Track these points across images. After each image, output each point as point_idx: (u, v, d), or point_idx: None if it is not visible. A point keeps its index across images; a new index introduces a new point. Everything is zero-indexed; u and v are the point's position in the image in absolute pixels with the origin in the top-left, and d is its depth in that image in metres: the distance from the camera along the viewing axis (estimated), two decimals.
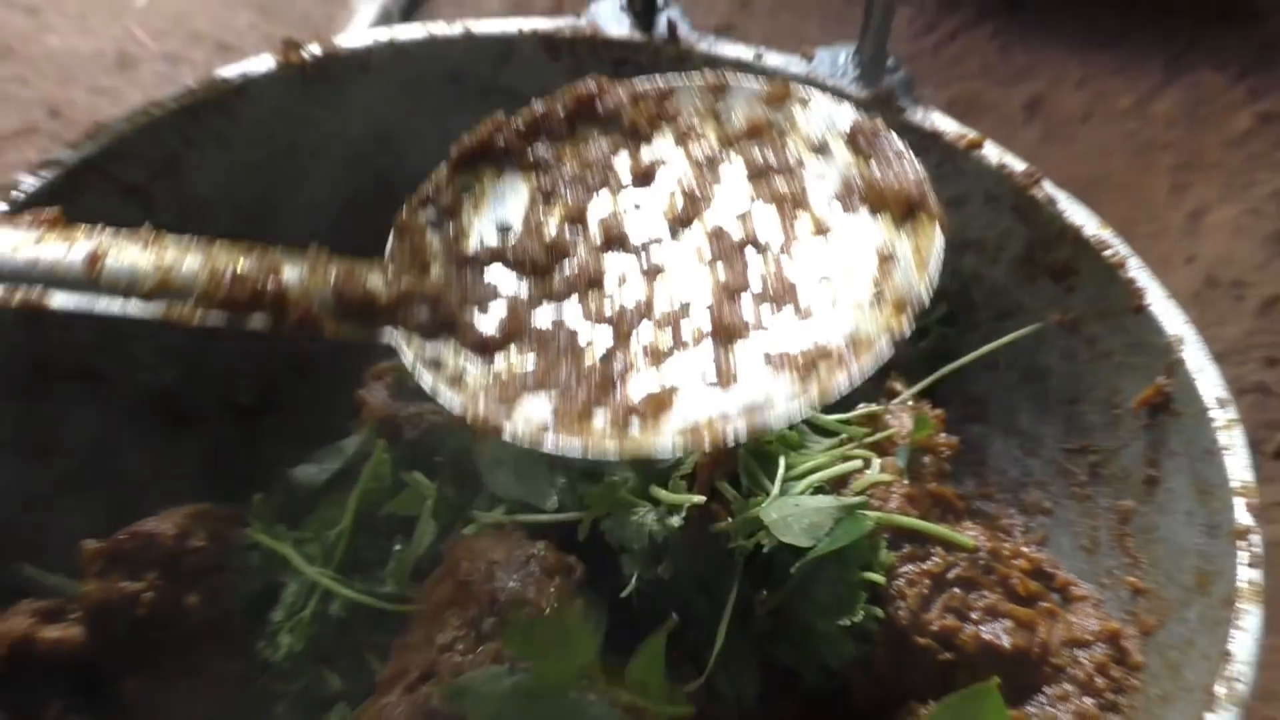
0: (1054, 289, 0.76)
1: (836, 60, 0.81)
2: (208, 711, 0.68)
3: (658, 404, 0.56)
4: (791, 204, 0.62)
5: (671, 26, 0.82)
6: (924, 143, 0.78)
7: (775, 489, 0.69)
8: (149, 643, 0.67)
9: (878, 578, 0.68)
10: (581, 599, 0.65)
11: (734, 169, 0.64)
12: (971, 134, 0.78)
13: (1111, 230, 0.75)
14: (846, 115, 0.64)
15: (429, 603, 0.64)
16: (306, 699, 0.67)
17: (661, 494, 0.67)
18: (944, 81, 1.63)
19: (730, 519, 0.68)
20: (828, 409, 0.76)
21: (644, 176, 0.65)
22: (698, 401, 0.56)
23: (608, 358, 0.58)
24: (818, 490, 0.70)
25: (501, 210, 0.65)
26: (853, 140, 0.63)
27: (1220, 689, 0.58)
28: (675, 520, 0.67)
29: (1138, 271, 0.73)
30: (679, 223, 0.63)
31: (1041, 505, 0.79)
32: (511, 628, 0.59)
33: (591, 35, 0.81)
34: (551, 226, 0.63)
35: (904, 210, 0.60)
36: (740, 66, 0.80)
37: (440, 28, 0.80)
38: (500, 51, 0.81)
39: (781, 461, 0.71)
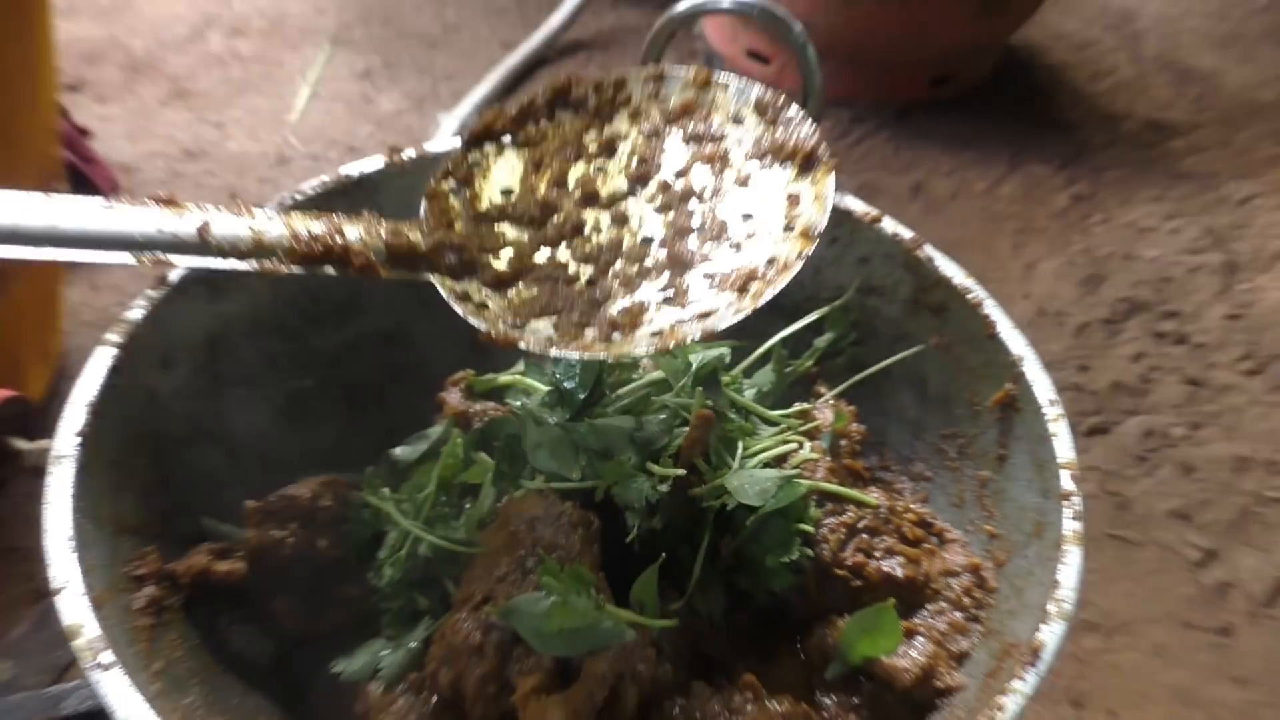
0: (932, 321, 0.77)
1: None
2: (334, 620, 0.69)
3: (632, 318, 0.57)
4: (719, 162, 0.63)
5: None
6: (842, 218, 0.79)
7: (735, 464, 0.70)
8: (291, 574, 0.68)
9: (808, 528, 0.69)
10: (596, 544, 0.66)
11: (674, 138, 0.65)
12: (874, 211, 0.79)
13: (973, 279, 0.76)
14: (754, 91, 0.65)
15: (488, 546, 0.65)
16: (403, 614, 0.68)
17: (655, 468, 0.67)
18: (854, 172, 1.65)
19: (703, 485, 0.69)
20: (772, 406, 0.78)
21: (608, 147, 0.66)
22: (662, 315, 0.57)
23: (592, 285, 0.59)
24: (766, 465, 0.71)
25: (504, 178, 0.65)
26: (760, 110, 0.64)
27: (1051, 608, 0.60)
28: (664, 487, 0.67)
29: (991, 308, 0.74)
30: (636, 181, 0.64)
31: (924, 474, 0.80)
32: (546, 565, 0.60)
33: None
34: (542, 188, 0.64)
35: (804, 160, 0.61)
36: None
37: None
38: None
39: (740, 445, 0.72)
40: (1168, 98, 1.84)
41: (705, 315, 0.56)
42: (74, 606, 0.57)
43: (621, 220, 0.63)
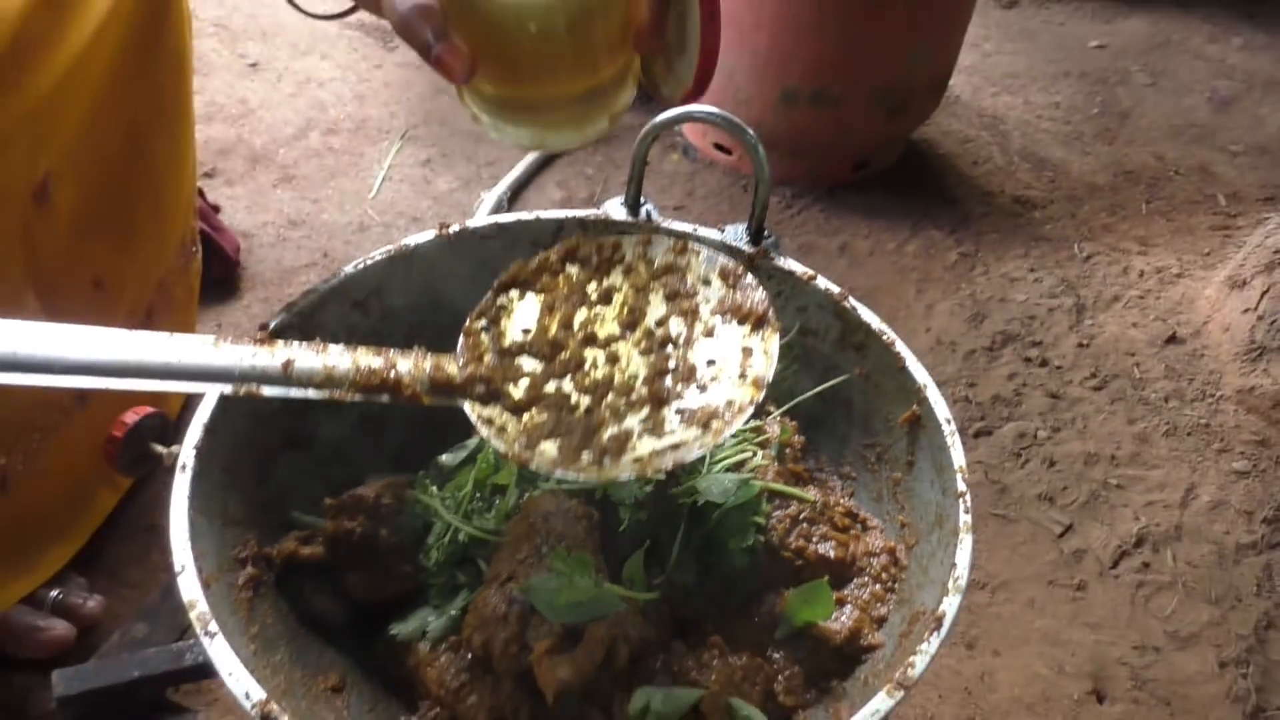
0: (855, 356, 0.75)
1: (738, 231, 0.79)
2: (393, 592, 0.67)
3: (618, 444, 0.54)
4: (691, 316, 0.60)
5: (649, 214, 0.81)
6: (784, 276, 0.76)
7: (704, 469, 0.67)
8: (359, 555, 0.66)
9: (760, 520, 0.66)
10: (596, 532, 0.63)
11: (657, 293, 0.63)
12: (810, 272, 0.76)
13: (885, 324, 0.73)
14: (720, 260, 0.63)
15: (512, 535, 0.63)
16: (446, 586, 0.65)
17: None
18: (795, 235, 1.62)
19: (679, 486, 0.66)
20: None
21: (605, 296, 0.63)
22: (642, 443, 0.54)
23: (589, 414, 0.56)
24: (728, 469, 0.68)
25: (524, 319, 0.63)
26: (724, 276, 0.62)
27: (950, 584, 0.57)
28: (649, 487, 0.65)
29: (900, 347, 0.71)
30: (626, 326, 0.61)
31: (851, 475, 0.77)
32: (557, 552, 0.58)
33: (605, 218, 0.80)
34: (553, 329, 0.62)
35: (756, 322, 0.59)
36: (685, 234, 0.79)
37: (524, 215, 0.79)
38: (556, 227, 0.79)
39: (708, 454, 0.69)
40: (1029, 180, 1.82)
41: (676, 447, 0.53)
42: (189, 586, 0.55)
43: (614, 359, 0.59)
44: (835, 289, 0.75)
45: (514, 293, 0.65)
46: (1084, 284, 1.56)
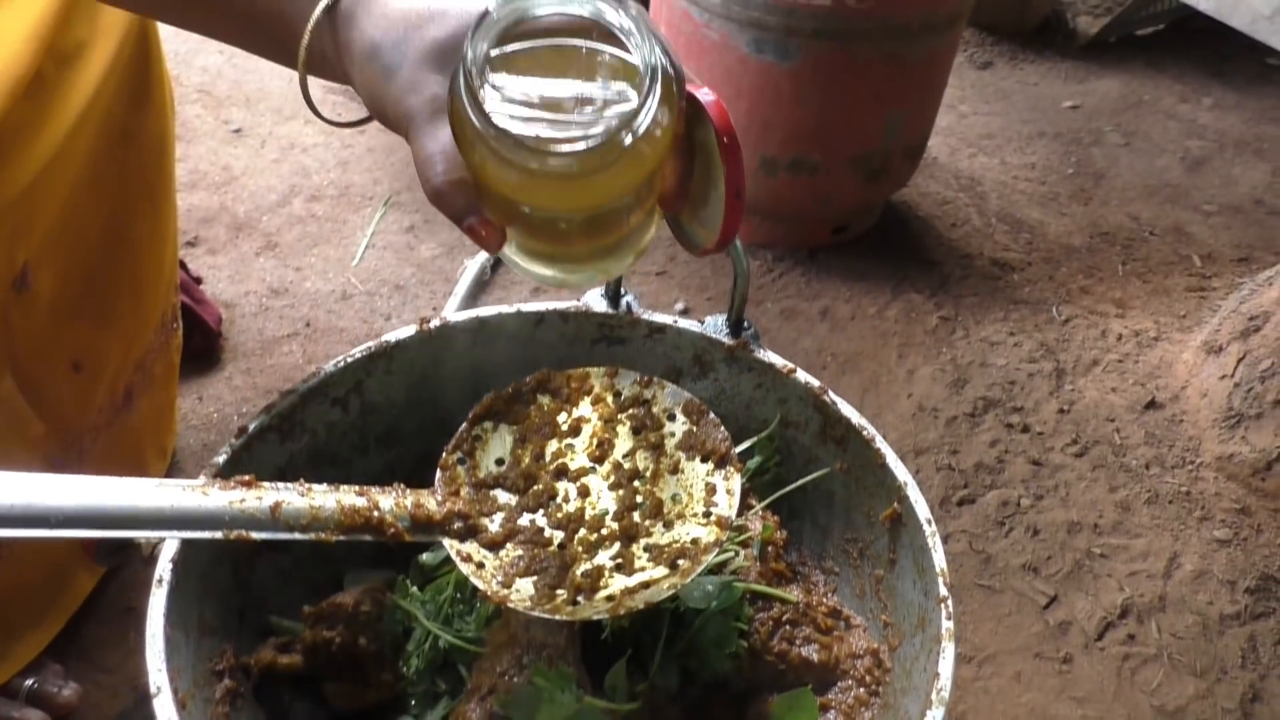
0: (836, 450, 0.75)
1: (717, 323, 0.80)
2: (372, 700, 0.66)
3: (591, 582, 0.54)
4: (656, 450, 0.61)
5: (629, 306, 0.81)
6: (764, 369, 0.77)
7: None
8: (339, 664, 0.65)
9: (743, 625, 0.66)
10: (578, 639, 0.63)
11: (625, 425, 0.63)
12: (790, 365, 0.77)
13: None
14: (682, 396, 0.64)
15: (493, 644, 0.62)
16: (426, 695, 0.65)
17: None
18: (777, 300, 1.63)
19: None
20: None
21: (574, 428, 0.64)
22: (614, 581, 0.54)
23: (562, 549, 0.57)
24: (709, 572, 0.67)
25: (498, 450, 0.63)
26: (687, 412, 0.62)
27: (934, 695, 0.57)
28: None
29: (880, 443, 0.71)
30: (595, 459, 0.62)
31: (833, 569, 0.77)
32: (537, 668, 0.57)
33: (585, 310, 0.80)
34: (525, 460, 0.62)
35: (718, 460, 0.59)
36: (664, 328, 0.79)
37: (504, 308, 0.80)
38: (536, 319, 0.80)
39: None
40: (1006, 242, 1.84)
41: (647, 585, 0.54)
42: (164, 707, 0.54)
43: (584, 493, 0.60)
44: (815, 382, 0.75)
45: (488, 424, 0.65)
46: (1063, 348, 1.57)
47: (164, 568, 0.60)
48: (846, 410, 0.74)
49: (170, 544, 0.61)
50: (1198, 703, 1.11)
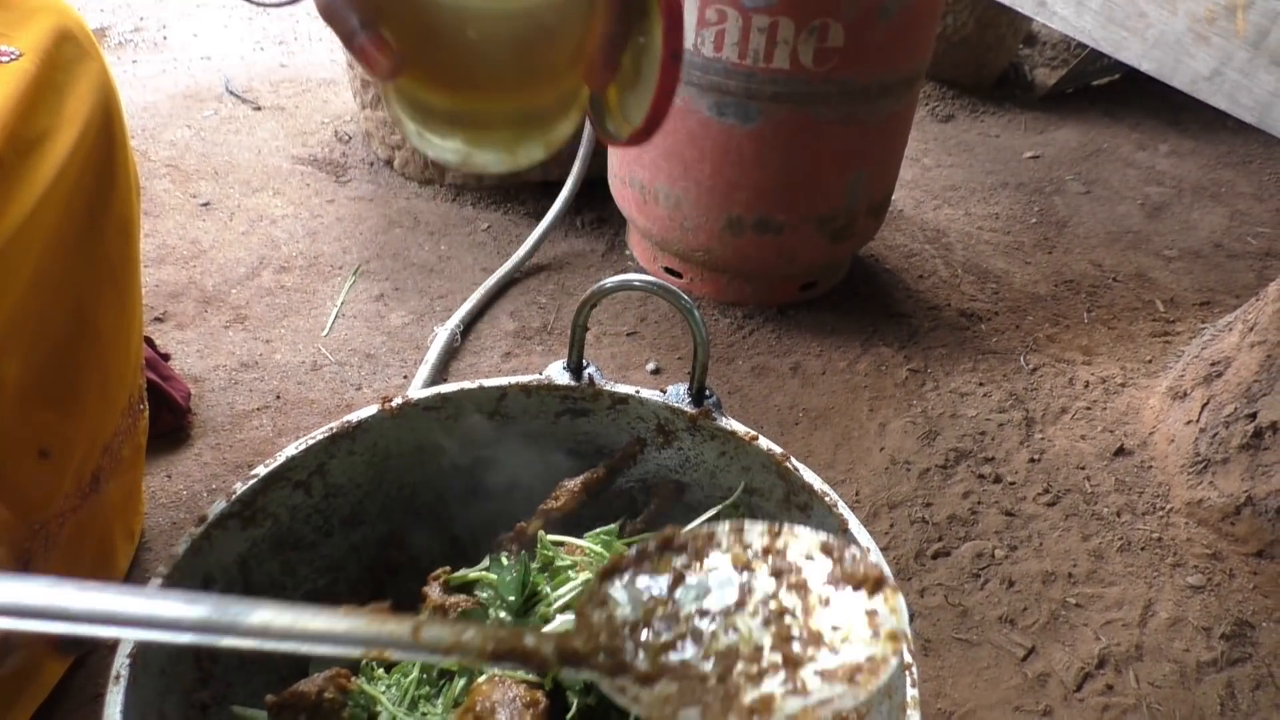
0: (800, 516, 0.76)
1: (679, 392, 0.81)
2: None
3: (765, 704, 0.51)
4: (801, 590, 0.57)
5: (590, 378, 0.82)
6: (726, 437, 0.78)
7: None
8: None
9: None
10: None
11: (762, 571, 0.60)
12: (751, 432, 0.78)
13: (829, 485, 0.74)
14: (819, 537, 0.60)
15: None
16: None
17: None
18: (748, 357, 1.65)
19: None
20: None
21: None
22: (789, 703, 0.51)
23: (721, 682, 0.53)
24: None
25: (631, 604, 0.59)
26: (826, 550, 0.59)
27: None
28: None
29: (843, 508, 0.72)
30: (738, 604, 0.58)
31: None
32: None
33: (547, 383, 0.81)
34: (664, 607, 0.58)
35: (873, 585, 0.56)
36: (626, 398, 0.80)
37: (467, 384, 0.80)
38: (499, 394, 0.81)
39: None
40: (973, 292, 1.88)
41: (827, 701, 0.50)
42: None
43: (732, 628, 0.55)
44: (777, 449, 0.76)
45: (616, 579, 0.63)
46: (1032, 397, 1.60)
47: (121, 664, 0.60)
48: (809, 477, 0.75)
49: (126, 641, 0.61)
50: None
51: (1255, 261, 1.95)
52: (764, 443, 0.77)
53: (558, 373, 0.82)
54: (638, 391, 0.81)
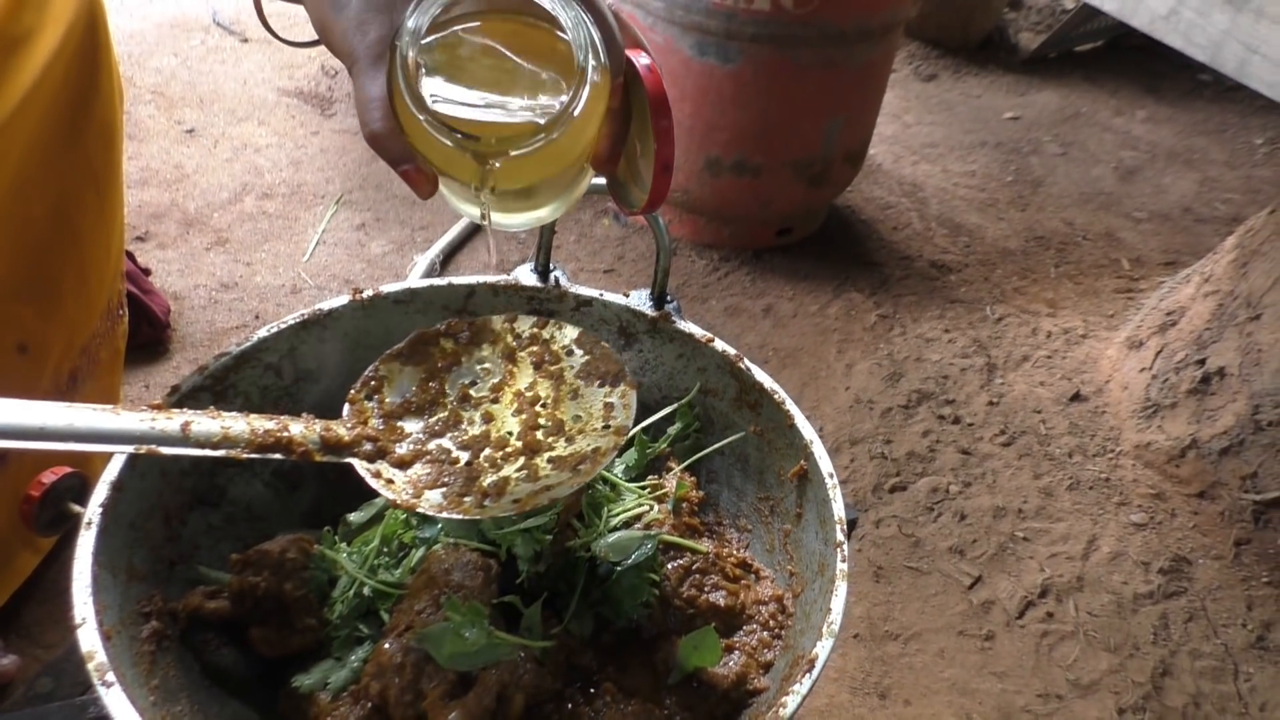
0: (751, 414, 0.79)
1: (642, 296, 0.84)
2: (296, 645, 0.68)
3: (498, 489, 0.58)
4: (556, 380, 0.65)
5: (556, 280, 0.85)
6: (685, 339, 0.81)
7: (602, 524, 0.71)
8: (264, 610, 0.67)
9: (655, 577, 0.69)
10: (494, 583, 0.66)
11: (525, 361, 0.67)
12: (708, 335, 0.80)
13: (781, 387, 0.77)
14: (575, 331, 0.68)
15: (413, 588, 0.65)
16: (349, 639, 0.67)
17: (537, 533, 0.68)
18: (723, 298, 1.68)
19: (578, 539, 0.69)
20: (635, 478, 0.79)
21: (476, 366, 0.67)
22: (519, 488, 0.58)
23: (469, 466, 0.60)
24: (625, 524, 0.72)
25: (403, 387, 0.67)
26: (581, 344, 0.66)
27: (824, 628, 0.61)
28: (548, 537, 0.68)
29: (790, 405, 0.75)
30: (498, 391, 0.65)
31: (746, 527, 0.80)
32: (451, 602, 0.60)
33: (515, 283, 0.83)
34: (431, 393, 0.66)
35: (613, 379, 0.63)
36: (590, 300, 0.83)
37: (436, 280, 0.82)
38: (467, 292, 0.83)
39: (606, 508, 0.73)
40: (945, 245, 1.90)
41: (550, 488, 0.58)
42: (88, 638, 0.57)
43: (489, 419, 0.64)
44: (731, 350, 0.79)
45: (394, 365, 0.68)
46: (995, 344, 1.63)
47: (93, 511, 0.63)
48: (760, 376, 0.78)
49: (100, 490, 0.64)
50: (1111, 677, 1.16)
51: (1222, 226, 1.99)
52: (720, 345, 0.80)
53: (525, 274, 0.85)
54: (602, 294, 0.83)
